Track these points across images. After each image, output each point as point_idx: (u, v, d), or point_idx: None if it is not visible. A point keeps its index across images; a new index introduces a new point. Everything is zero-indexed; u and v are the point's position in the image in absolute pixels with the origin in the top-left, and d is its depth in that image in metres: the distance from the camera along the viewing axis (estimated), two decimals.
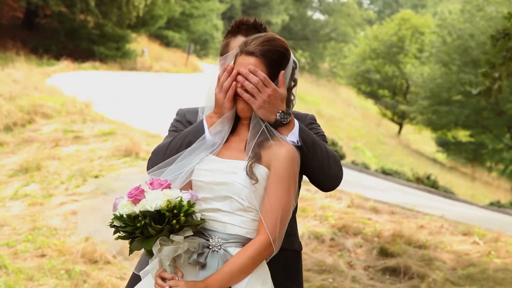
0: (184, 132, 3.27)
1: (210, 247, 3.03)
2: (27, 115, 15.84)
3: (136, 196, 2.89)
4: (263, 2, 61.74)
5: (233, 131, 3.21)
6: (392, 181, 19.42)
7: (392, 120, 47.26)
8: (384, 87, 47.24)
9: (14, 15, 36.17)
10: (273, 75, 3.13)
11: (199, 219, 2.97)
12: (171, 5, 38.97)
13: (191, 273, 3.03)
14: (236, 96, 3.15)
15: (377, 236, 10.26)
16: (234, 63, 3.17)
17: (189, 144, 3.18)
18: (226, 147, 3.18)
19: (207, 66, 41.23)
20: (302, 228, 10.19)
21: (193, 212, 2.93)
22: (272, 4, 61.53)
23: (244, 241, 3.04)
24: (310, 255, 9.32)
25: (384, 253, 9.66)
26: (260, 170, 3.05)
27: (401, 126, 46.54)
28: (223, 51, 3.58)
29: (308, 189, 12.05)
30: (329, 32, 66.46)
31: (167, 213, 2.85)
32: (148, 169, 3.23)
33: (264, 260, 3.07)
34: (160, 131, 14.80)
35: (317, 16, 70.63)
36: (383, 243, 9.89)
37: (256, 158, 3.05)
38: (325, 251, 9.62)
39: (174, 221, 2.85)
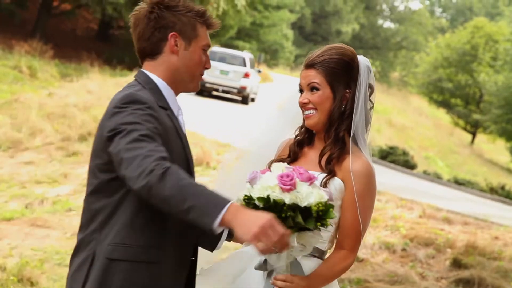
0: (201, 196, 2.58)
1: None
2: None
3: (291, 186, 2.78)
4: (334, 11, 61.58)
5: (310, 143, 3.20)
6: (465, 191, 19.08)
7: (465, 129, 46.45)
8: (456, 96, 46.48)
9: (89, 27, 36.99)
10: (335, 85, 3.07)
11: None
12: (241, 15, 39.23)
13: (256, 278, 3.05)
14: (303, 113, 3.11)
15: (450, 247, 10.11)
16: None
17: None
18: (304, 159, 3.17)
19: (277, 76, 41.29)
20: (373, 238, 10.11)
21: (333, 216, 2.85)
22: (343, 13, 61.33)
23: (314, 251, 3.05)
24: (381, 265, 9.23)
25: (457, 264, 9.50)
26: (335, 183, 3.04)
27: (474, 135, 45.70)
28: None
29: (379, 199, 11.95)
30: (400, 41, 65.86)
31: (314, 214, 2.78)
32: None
33: None
34: (230, 141, 14.87)
35: (388, 24, 70.08)
36: (456, 254, 9.73)
37: (331, 175, 3.04)
38: (397, 262, 9.52)
39: (319, 223, 2.79)
